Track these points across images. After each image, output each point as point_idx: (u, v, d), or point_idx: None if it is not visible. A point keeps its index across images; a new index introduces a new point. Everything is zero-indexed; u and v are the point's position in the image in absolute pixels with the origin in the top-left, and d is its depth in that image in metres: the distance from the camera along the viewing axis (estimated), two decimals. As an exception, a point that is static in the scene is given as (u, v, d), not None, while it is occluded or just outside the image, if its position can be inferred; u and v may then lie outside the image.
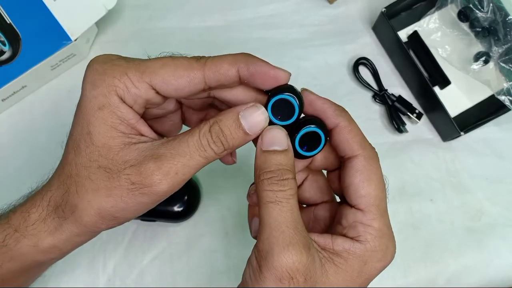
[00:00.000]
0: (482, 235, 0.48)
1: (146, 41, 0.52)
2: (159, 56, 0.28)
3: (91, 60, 0.27)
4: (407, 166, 0.50)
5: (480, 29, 0.49)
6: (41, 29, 0.45)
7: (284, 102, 0.27)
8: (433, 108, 0.50)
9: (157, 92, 0.27)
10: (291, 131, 0.28)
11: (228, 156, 0.31)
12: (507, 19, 0.47)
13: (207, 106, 0.32)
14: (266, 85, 0.28)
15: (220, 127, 0.26)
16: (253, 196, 0.32)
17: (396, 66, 0.53)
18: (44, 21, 0.45)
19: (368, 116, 0.51)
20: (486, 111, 0.51)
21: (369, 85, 0.51)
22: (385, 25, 0.50)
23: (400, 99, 0.51)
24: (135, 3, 0.53)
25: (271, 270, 0.25)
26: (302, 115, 0.29)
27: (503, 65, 0.48)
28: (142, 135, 0.27)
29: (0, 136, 0.48)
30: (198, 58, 0.28)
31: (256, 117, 0.27)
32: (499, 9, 0.47)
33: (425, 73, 0.51)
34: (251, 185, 0.33)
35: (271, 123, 0.28)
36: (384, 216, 0.27)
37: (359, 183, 0.27)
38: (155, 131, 0.29)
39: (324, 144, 0.28)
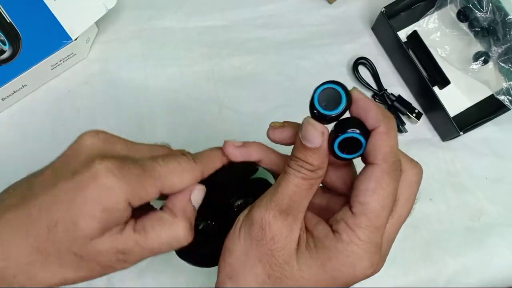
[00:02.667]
0: (482, 234, 0.49)
1: (146, 41, 0.52)
2: (166, 156, 0.29)
3: (109, 159, 0.26)
4: (407, 166, 0.50)
5: (479, 29, 0.50)
6: (41, 28, 0.45)
7: (332, 92, 0.27)
8: (433, 108, 0.50)
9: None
10: (335, 124, 0.28)
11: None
12: (506, 19, 0.47)
13: None
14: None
15: (174, 208, 0.29)
16: (270, 131, 0.31)
17: (395, 66, 0.53)
18: (44, 20, 0.45)
19: (368, 116, 0.51)
20: (485, 110, 0.51)
21: (368, 85, 0.51)
22: (384, 25, 0.51)
23: (399, 99, 0.51)
24: (135, 3, 0.53)
25: (251, 214, 0.28)
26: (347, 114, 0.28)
27: (502, 64, 0.48)
28: (122, 224, 0.28)
29: (0, 136, 0.48)
30: (194, 160, 0.30)
31: (200, 196, 0.30)
32: (499, 9, 0.48)
33: (424, 73, 0.51)
34: (274, 122, 0.32)
35: (313, 112, 0.27)
36: (372, 232, 0.26)
37: (364, 190, 0.27)
38: None
39: (363, 151, 0.28)
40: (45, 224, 0.26)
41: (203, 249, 0.32)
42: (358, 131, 0.27)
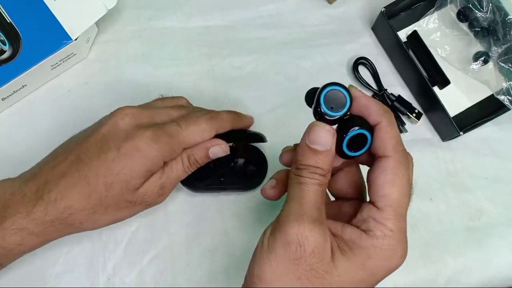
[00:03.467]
0: (482, 234, 0.49)
1: (146, 41, 0.52)
2: (187, 118, 0.38)
3: (142, 129, 0.35)
4: (407, 166, 0.50)
5: (479, 29, 0.50)
6: (41, 28, 0.45)
7: (335, 94, 0.28)
8: (433, 108, 0.50)
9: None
10: (338, 125, 0.28)
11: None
12: (506, 19, 0.47)
13: None
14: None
15: (196, 159, 0.38)
16: (284, 155, 0.34)
17: (395, 66, 0.53)
18: (45, 20, 0.45)
19: (368, 116, 0.51)
20: (485, 110, 0.51)
21: (368, 85, 0.51)
22: (384, 25, 0.51)
23: (399, 99, 0.51)
24: (135, 3, 0.53)
25: (282, 233, 0.27)
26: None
27: (502, 64, 0.48)
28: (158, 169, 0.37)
29: (0, 136, 0.48)
30: (211, 118, 0.38)
31: (220, 152, 0.38)
32: (499, 9, 0.48)
33: (424, 73, 0.51)
34: (286, 147, 0.34)
35: (321, 114, 0.28)
36: (399, 220, 0.28)
37: (383, 183, 0.28)
38: None
39: (370, 146, 0.29)
40: (102, 186, 0.34)
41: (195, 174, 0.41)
42: (364, 127, 0.28)
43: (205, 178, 0.45)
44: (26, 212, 0.33)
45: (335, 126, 0.29)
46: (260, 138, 0.43)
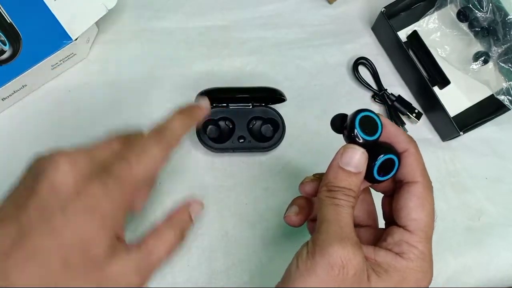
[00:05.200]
0: (482, 234, 0.49)
1: (146, 41, 0.52)
2: (141, 151, 0.31)
3: (88, 181, 0.27)
4: (407, 166, 0.50)
5: (479, 29, 0.50)
6: (41, 29, 0.45)
7: (368, 119, 0.30)
8: (433, 108, 0.50)
9: None
10: (368, 150, 0.29)
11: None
12: (506, 19, 0.47)
13: None
14: None
15: (181, 226, 0.31)
16: (306, 185, 0.34)
17: (395, 66, 0.53)
18: (45, 21, 0.45)
19: (368, 116, 0.51)
20: (485, 111, 0.51)
21: (368, 85, 0.51)
22: (384, 25, 0.51)
23: (399, 99, 0.51)
24: (135, 3, 0.53)
25: (325, 256, 0.27)
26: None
27: (502, 64, 0.48)
28: (120, 240, 0.29)
29: (0, 136, 0.48)
30: (160, 142, 0.31)
31: (199, 209, 0.33)
32: (499, 9, 0.48)
33: (424, 73, 0.51)
34: (306, 177, 0.35)
35: (354, 138, 0.29)
36: (428, 243, 0.29)
37: (414, 207, 0.29)
38: None
39: (397, 171, 0.30)
40: (58, 263, 0.26)
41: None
42: (394, 154, 0.30)
43: (224, 140, 0.46)
44: None
45: None
46: (280, 98, 0.45)
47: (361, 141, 0.29)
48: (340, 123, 0.31)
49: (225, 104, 0.47)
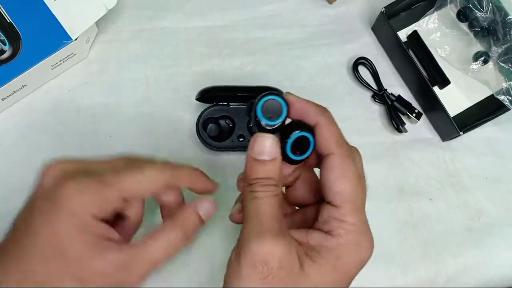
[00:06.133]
0: (482, 234, 0.49)
1: (146, 41, 0.52)
2: (123, 159, 0.31)
3: (62, 185, 0.28)
4: (407, 166, 0.50)
5: (479, 29, 0.50)
6: (41, 28, 0.45)
7: (272, 103, 0.28)
8: (433, 108, 0.50)
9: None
10: (280, 133, 0.29)
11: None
12: (506, 19, 0.47)
13: None
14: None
15: (185, 227, 0.31)
16: (240, 182, 0.34)
17: (395, 66, 0.53)
18: (45, 20, 0.45)
19: (368, 116, 0.51)
20: (485, 110, 0.51)
21: (368, 85, 0.51)
22: (384, 25, 0.51)
23: (399, 99, 0.51)
24: (135, 3, 0.53)
25: (247, 255, 0.26)
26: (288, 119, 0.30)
27: (502, 64, 0.48)
28: (110, 239, 0.29)
29: (0, 136, 0.48)
30: (163, 169, 0.31)
31: (209, 207, 0.32)
32: (499, 9, 0.48)
33: (424, 73, 0.51)
34: (240, 173, 0.34)
35: (260, 125, 0.29)
36: (359, 212, 0.28)
37: (334, 180, 0.28)
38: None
39: (313, 148, 0.29)
40: (38, 262, 0.27)
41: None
42: (304, 130, 0.28)
43: (224, 139, 0.46)
44: None
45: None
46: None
47: (267, 127, 0.28)
48: (248, 113, 0.30)
49: (225, 103, 0.47)
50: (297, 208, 0.35)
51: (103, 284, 0.27)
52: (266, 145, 0.28)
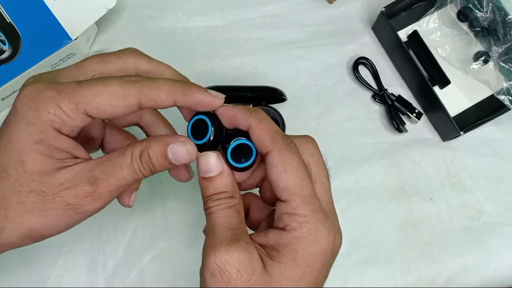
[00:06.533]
0: (482, 234, 0.49)
1: (146, 41, 0.52)
2: (91, 79, 0.28)
3: (20, 93, 0.27)
4: (407, 166, 0.50)
5: (479, 29, 0.50)
6: (41, 28, 0.45)
7: (200, 123, 0.29)
8: (433, 107, 0.50)
9: (91, 116, 0.28)
10: (221, 146, 0.29)
11: (184, 172, 0.33)
12: (506, 18, 0.47)
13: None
14: (201, 109, 0.30)
15: (149, 155, 0.28)
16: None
17: (395, 66, 0.53)
18: (44, 20, 0.45)
19: (368, 116, 0.51)
20: (485, 110, 0.51)
21: (368, 85, 0.51)
22: (384, 25, 0.51)
23: (399, 98, 0.51)
24: (135, 3, 0.53)
25: (206, 268, 0.26)
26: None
27: (502, 64, 0.48)
28: (76, 157, 0.28)
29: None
30: (133, 82, 0.27)
31: (182, 152, 0.29)
32: (499, 9, 0.48)
33: (424, 72, 0.51)
34: None
35: (198, 146, 0.29)
36: (309, 202, 0.27)
37: (277, 176, 0.27)
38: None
39: (257, 152, 0.29)
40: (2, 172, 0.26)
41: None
42: (240, 137, 0.29)
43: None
44: None
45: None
46: (281, 98, 0.42)
47: (205, 146, 0.29)
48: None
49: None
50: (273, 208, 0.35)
51: (71, 196, 0.27)
52: (211, 162, 0.28)
